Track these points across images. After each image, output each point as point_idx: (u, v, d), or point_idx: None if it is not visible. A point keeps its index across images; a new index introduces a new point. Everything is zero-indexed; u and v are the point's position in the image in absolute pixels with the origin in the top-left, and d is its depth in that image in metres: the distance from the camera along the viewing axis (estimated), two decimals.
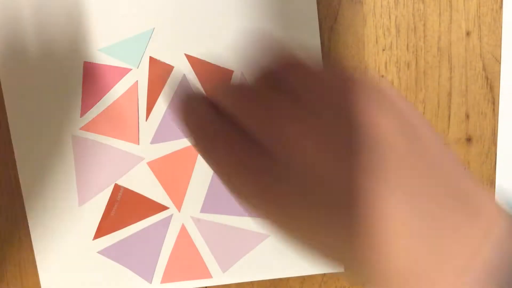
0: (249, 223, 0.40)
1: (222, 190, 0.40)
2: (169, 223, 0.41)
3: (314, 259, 0.19)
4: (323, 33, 0.36)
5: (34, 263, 0.41)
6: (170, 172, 0.40)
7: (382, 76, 0.37)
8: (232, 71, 0.38)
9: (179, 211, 0.41)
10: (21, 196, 0.40)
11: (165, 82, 0.38)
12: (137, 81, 0.38)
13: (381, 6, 0.36)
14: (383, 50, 0.36)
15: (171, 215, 0.41)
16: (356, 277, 0.18)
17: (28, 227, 0.41)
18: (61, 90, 0.38)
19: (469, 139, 0.37)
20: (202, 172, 0.40)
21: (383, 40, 0.36)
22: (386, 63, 0.37)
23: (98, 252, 0.41)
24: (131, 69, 0.38)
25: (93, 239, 0.41)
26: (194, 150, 0.39)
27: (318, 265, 0.39)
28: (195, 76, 0.38)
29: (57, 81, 0.38)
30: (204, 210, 0.40)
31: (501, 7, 0.35)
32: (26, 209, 0.41)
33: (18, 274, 0.42)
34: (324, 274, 0.41)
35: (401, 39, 0.36)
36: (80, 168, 0.40)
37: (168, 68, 0.38)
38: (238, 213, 0.40)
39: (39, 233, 0.41)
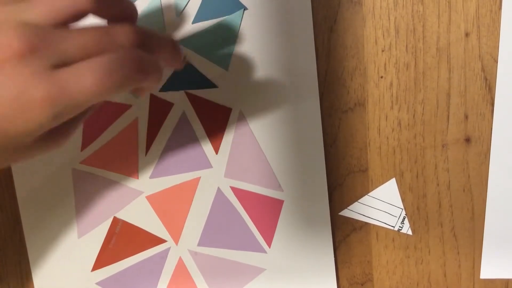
0: (245, 257, 0.41)
1: (220, 224, 0.40)
2: (167, 256, 0.41)
3: None
4: (322, 34, 0.37)
5: None
6: (169, 206, 0.40)
7: (382, 76, 0.37)
8: (230, 109, 0.38)
9: (177, 244, 0.41)
10: (21, 225, 0.41)
11: (165, 118, 0.39)
12: (137, 117, 0.39)
13: (380, 7, 0.36)
14: (383, 51, 0.37)
15: (169, 248, 0.41)
16: None
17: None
18: None
19: (468, 140, 0.37)
20: (200, 206, 0.40)
21: (382, 41, 0.37)
22: (385, 64, 0.37)
23: (96, 283, 0.42)
24: (131, 106, 0.39)
25: (91, 271, 0.42)
26: (192, 185, 0.40)
27: None
28: (195, 113, 0.39)
29: None
30: (201, 243, 0.41)
31: (500, 8, 0.35)
32: (26, 241, 0.41)
33: (19, 274, 0.43)
34: None
35: (400, 40, 0.36)
36: (79, 201, 0.40)
37: (168, 105, 0.39)
38: (235, 247, 0.41)
39: (39, 264, 0.42)
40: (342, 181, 0.39)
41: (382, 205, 0.39)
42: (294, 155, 0.39)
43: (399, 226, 0.40)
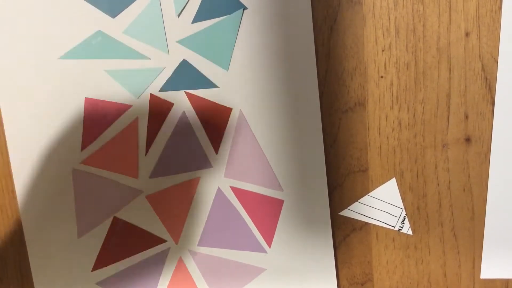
0: (245, 257, 0.41)
1: (220, 224, 0.40)
2: (167, 256, 0.41)
3: None
4: (322, 34, 0.37)
5: None
6: (168, 206, 0.40)
7: (382, 76, 0.37)
8: (230, 109, 0.38)
9: (177, 244, 0.41)
10: (21, 227, 0.41)
11: (165, 118, 0.39)
12: (137, 117, 0.39)
13: (381, 7, 0.36)
14: (383, 50, 0.37)
15: (169, 248, 0.41)
16: None
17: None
18: (62, 124, 0.39)
19: (468, 139, 0.37)
20: (200, 206, 0.40)
21: (382, 40, 0.37)
22: (385, 64, 0.37)
23: (97, 283, 0.42)
24: (131, 106, 0.39)
25: (92, 271, 0.42)
26: (192, 185, 0.40)
27: None
28: (195, 113, 0.39)
29: (59, 116, 0.39)
30: (201, 243, 0.41)
31: (500, 8, 0.35)
32: (26, 241, 0.41)
33: (19, 274, 0.43)
34: None
35: (400, 39, 0.36)
36: (80, 200, 0.40)
37: (168, 105, 0.39)
38: (234, 246, 0.41)
39: (39, 265, 0.42)
40: (342, 181, 0.39)
41: (382, 205, 0.39)
42: (294, 155, 0.39)
43: (399, 226, 0.40)
